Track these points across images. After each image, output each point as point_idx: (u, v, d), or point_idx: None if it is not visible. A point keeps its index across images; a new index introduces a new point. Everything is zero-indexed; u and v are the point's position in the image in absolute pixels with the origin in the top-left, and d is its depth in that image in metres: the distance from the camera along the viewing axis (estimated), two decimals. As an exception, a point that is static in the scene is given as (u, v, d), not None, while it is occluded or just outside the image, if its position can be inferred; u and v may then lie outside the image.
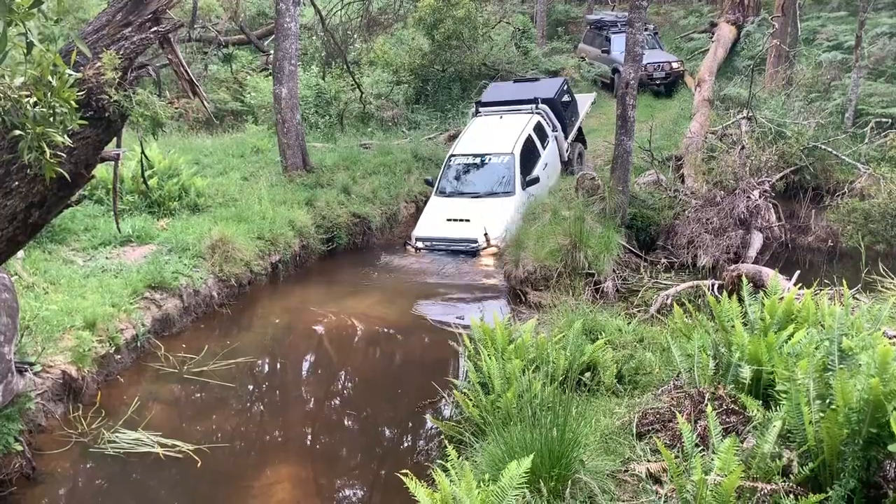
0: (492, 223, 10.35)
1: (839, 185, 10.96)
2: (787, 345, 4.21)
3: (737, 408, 3.93)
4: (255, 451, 5.79)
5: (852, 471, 3.08)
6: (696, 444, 3.51)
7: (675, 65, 19.03)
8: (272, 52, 14.21)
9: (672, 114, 16.41)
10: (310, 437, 6.22)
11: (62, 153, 4.10)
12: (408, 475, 3.56)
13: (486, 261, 10.16)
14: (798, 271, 7.38)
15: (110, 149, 5.01)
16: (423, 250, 10.71)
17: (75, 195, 4.95)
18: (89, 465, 5.47)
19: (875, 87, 13.74)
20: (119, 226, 7.21)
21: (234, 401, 6.60)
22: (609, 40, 19.94)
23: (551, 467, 3.71)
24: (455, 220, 10.82)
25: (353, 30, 18.95)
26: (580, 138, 14.03)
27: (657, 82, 18.83)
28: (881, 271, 6.89)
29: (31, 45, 3.40)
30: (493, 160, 11.58)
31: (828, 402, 3.33)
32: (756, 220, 9.96)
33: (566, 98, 13.45)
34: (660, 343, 5.80)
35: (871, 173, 10.43)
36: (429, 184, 12.18)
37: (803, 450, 3.33)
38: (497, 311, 7.96)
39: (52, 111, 3.83)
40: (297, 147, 12.09)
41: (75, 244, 8.41)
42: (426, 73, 18.59)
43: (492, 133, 12.13)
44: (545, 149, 12.13)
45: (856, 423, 3.09)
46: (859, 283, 6.98)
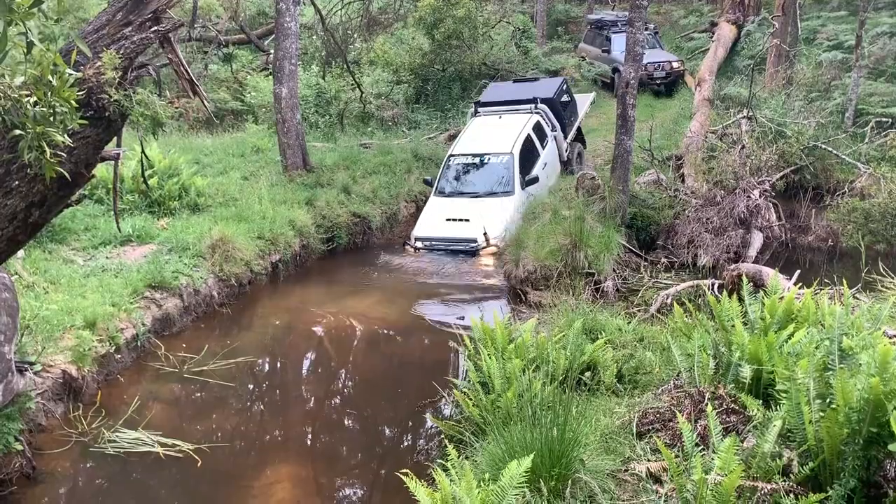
0: (491, 223, 10.35)
1: (839, 185, 10.96)
2: (787, 344, 4.21)
3: (737, 407, 3.93)
4: (256, 450, 5.79)
5: (852, 470, 3.08)
6: (697, 444, 3.51)
7: (676, 64, 19.02)
8: (272, 51, 14.22)
9: (672, 113, 16.40)
10: (310, 436, 6.22)
11: (62, 153, 4.11)
12: (408, 475, 3.56)
13: (485, 260, 10.15)
14: (798, 271, 7.39)
15: (110, 148, 5.01)
16: (422, 250, 10.71)
17: (75, 195, 4.95)
18: (89, 465, 5.47)
19: (875, 86, 13.74)
20: (119, 225, 7.21)
21: (235, 400, 6.60)
22: (609, 40, 19.92)
23: (551, 467, 3.71)
24: (454, 220, 10.81)
25: (353, 29, 18.97)
26: (579, 138, 14.02)
27: (657, 82, 18.83)
28: (881, 271, 6.89)
29: (31, 44, 3.40)
30: (493, 160, 11.57)
31: (828, 401, 3.34)
32: (756, 220, 9.96)
33: (565, 98, 13.43)
34: (660, 342, 5.80)
35: (872, 173, 10.43)
36: (428, 184, 12.16)
37: (803, 449, 3.33)
38: (497, 310, 7.95)
39: (52, 111, 3.83)
40: (297, 146, 12.10)
41: (75, 244, 8.41)
42: (426, 73, 18.60)
43: (491, 133, 12.11)
44: (544, 148, 12.12)
45: (856, 423, 3.09)
46: (859, 282, 6.99)
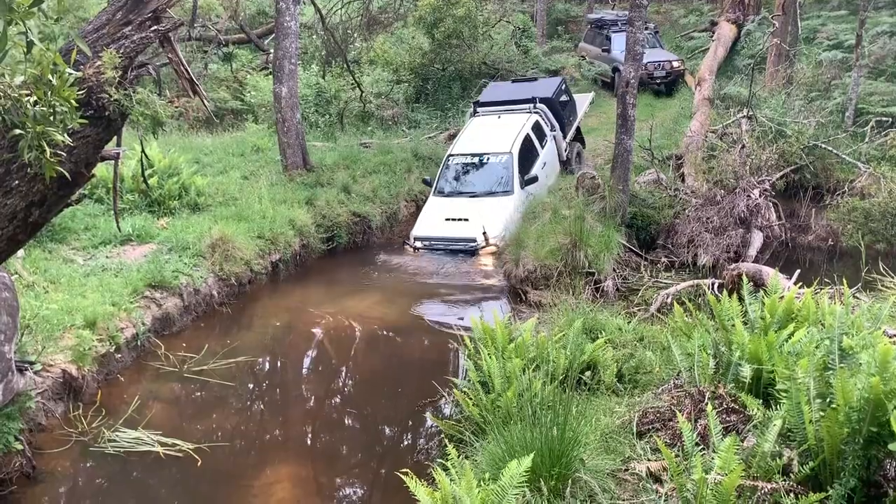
0: (490, 222, 10.35)
1: (839, 184, 10.95)
2: (787, 344, 4.21)
3: (737, 407, 3.93)
4: (256, 450, 5.79)
5: (853, 469, 3.08)
6: (697, 443, 3.51)
7: (676, 64, 19.02)
8: (272, 50, 14.22)
9: (672, 113, 16.40)
10: (310, 436, 6.22)
11: (62, 152, 4.10)
12: (408, 474, 3.57)
13: (484, 260, 10.15)
14: (798, 270, 7.39)
15: (110, 148, 5.01)
16: (421, 250, 10.71)
17: (75, 194, 4.95)
18: (89, 464, 5.47)
19: (875, 85, 13.73)
20: (119, 225, 7.21)
21: (235, 400, 6.60)
22: (609, 39, 19.93)
23: (551, 466, 3.71)
24: (454, 220, 10.81)
25: (353, 29, 18.96)
26: (578, 138, 14.01)
27: (657, 81, 18.83)
28: (881, 270, 6.89)
29: (31, 43, 3.40)
30: (492, 160, 11.56)
31: (828, 400, 3.34)
32: (756, 219, 9.96)
33: (564, 98, 13.42)
34: (660, 342, 5.80)
35: (872, 172, 10.43)
36: (427, 184, 12.16)
37: (803, 448, 3.33)
38: (497, 310, 7.96)
39: (52, 110, 3.83)
40: (297, 146, 12.10)
41: (75, 243, 8.41)
42: (426, 72, 18.59)
43: (490, 133, 12.10)
44: (543, 148, 12.11)
45: (856, 422, 3.09)
46: (859, 282, 6.99)
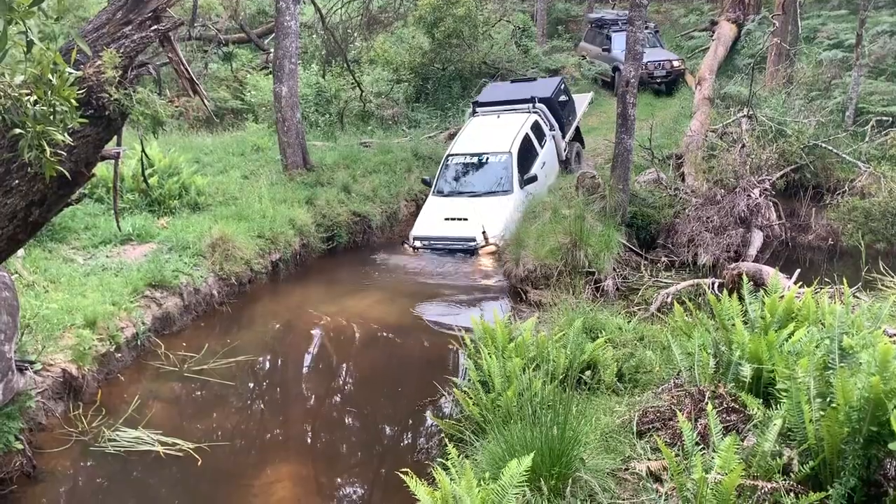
0: (490, 222, 10.34)
1: (839, 184, 10.95)
2: (787, 343, 4.21)
3: (737, 406, 3.93)
4: (256, 449, 5.80)
5: (853, 469, 3.08)
6: (697, 443, 3.51)
7: (676, 63, 19.01)
8: (272, 50, 14.21)
9: (672, 112, 16.39)
10: (310, 435, 6.22)
11: (62, 151, 4.10)
12: (408, 474, 3.57)
13: (484, 260, 10.15)
14: (798, 270, 7.39)
15: (110, 147, 5.01)
16: (421, 249, 10.71)
17: (75, 193, 4.95)
18: (90, 464, 5.48)
19: (875, 85, 13.73)
20: (119, 224, 7.20)
21: (235, 399, 6.61)
22: (610, 39, 19.91)
23: (552, 466, 3.71)
24: (453, 219, 10.81)
25: (353, 28, 18.96)
26: (578, 138, 14.00)
27: (658, 81, 18.82)
28: (881, 270, 6.89)
29: (31, 43, 3.39)
30: (491, 159, 11.55)
31: (828, 400, 3.33)
32: (756, 219, 9.95)
33: (563, 98, 13.41)
34: (660, 341, 5.80)
35: (872, 172, 10.43)
36: (426, 184, 12.16)
37: (804, 448, 3.33)
38: (497, 309, 7.96)
39: (52, 109, 3.83)
40: (297, 145, 12.10)
41: (76, 242, 8.41)
42: (426, 72, 18.58)
43: (489, 132, 12.10)
44: (543, 148, 12.10)
45: (856, 422, 3.09)
46: (860, 281, 6.99)
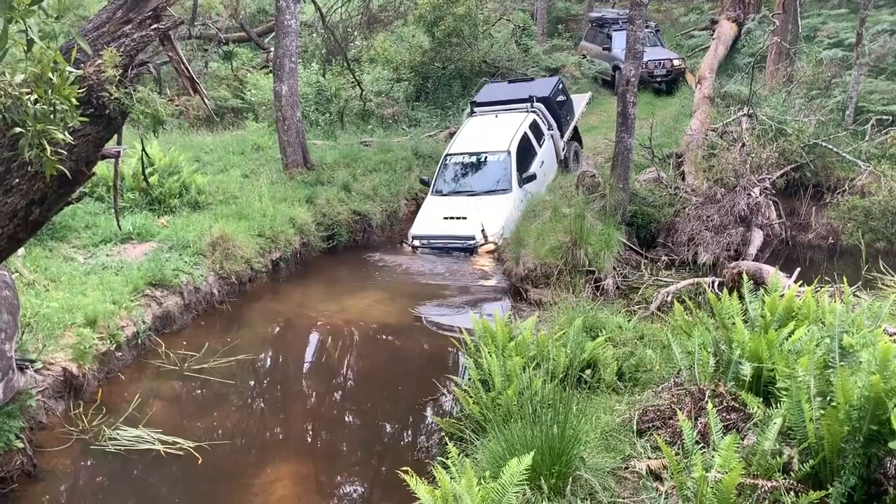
0: (489, 220, 10.34)
1: (840, 183, 10.96)
2: (787, 342, 4.21)
3: (737, 405, 3.93)
4: (256, 448, 5.80)
5: (853, 468, 3.09)
6: (697, 442, 3.51)
7: (676, 62, 19.00)
8: (272, 49, 14.21)
9: (673, 111, 16.40)
10: (310, 434, 6.23)
11: (63, 150, 4.10)
12: (408, 472, 3.57)
13: (484, 258, 10.16)
14: (798, 268, 7.39)
15: (111, 146, 5.01)
16: (420, 249, 10.72)
17: (76, 192, 4.95)
18: (90, 463, 5.48)
19: (876, 84, 13.72)
20: (120, 223, 7.20)
21: (235, 398, 6.61)
22: (610, 38, 19.90)
23: (552, 464, 3.71)
24: (452, 218, 10.81)
25: (353, 27, 18.95)
26: (576, 137, 14.00)
27: (658, 80, 18.81)
28: (881, 269, 6.90)
29: (31, 42, 3.39)
30: (490, 158, 11.55)
31: (828, 399, 3.34)
32: (756, 218, 9.96)
33: (561, 97, 13.41)
34: (660, 340, 5.80)
35: (872, 171, 10.43)
36: (424, 183, 12.16)
37: (804, 447, 3.33)
38: (497, 308, 7.96)
39: (52, 108, 3.82)
40: (297, 144, 12.10)
41: (76, 241, 8.41)
42: (426, 71, 18.58)
43: (488, 131, 12.09)
44: (541, 147, 12.10)
45: (856, 420, 3.10)
46: (860, 280, 6.99)
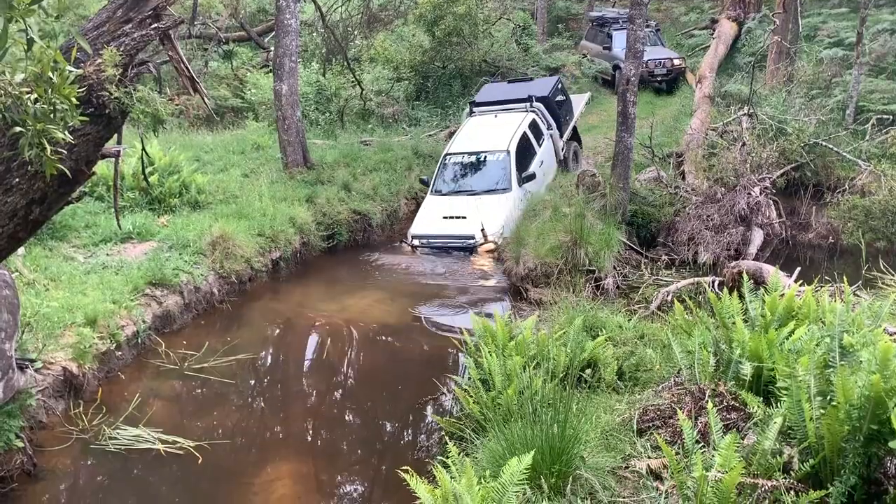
0: (489, 219, 10.34)
1: (840, 182, 10.95)
2: (787, 341, 4.22)
3: (737, 404, 3.94)
4: (256, 447, 5.80)
5: (853, 467, 3.09)
6: (697, 441, 3.51)
7: (677, 61, 19.00)
8: (272, 48, 14.21)
9: (673, 110, 16.39)
10: (310, 433, 6.23)
11: (63, 150, 4.10)
12: (408, 471, 3.57)
13: (483, 257, 10.16)
14: (799, 268, 7.39)
15: (111, 145, 5.00)
16: (420, 248, 10.71)
17: (76, 192, 4.94)
18: (90, 462, 5.48)
19: (876, 83, 13.71)
20: (120, 222, 7.20)
21: (235, 397, 6.61)
22: (610, 37, 19.90)
23: (552, 464, 3.71)
24: (451, 218, 10.81)
25: (353, 26, 18.95)
26: (575, 137, 14.01)
27: (658, 79, 18.81)
28: (882, 268, 6.90)
29: (31, 41, 3.39)
30: (489, 158, 11.54)
31: (829, 398, 3.34)
32: (757, 217, 9.96)
33: (560, 97, 13.41)
34: (660, 340, 5.79)
35: (872, 170, 10.42)
36: (424, 183, 12.16)
37: (804, 446, 3.34)
38: (497, 307, 7.96)
39: (52, 108, 3.82)
40: (297, 144, 12.10)
41: (76, 241, 8.41)
42: (427, 70, 18.57)
43: (487, 131, 12.09)
44: (541, 146, 12.09)
45: (857, 420, 3.10)
46: (860, 279, 7.00)
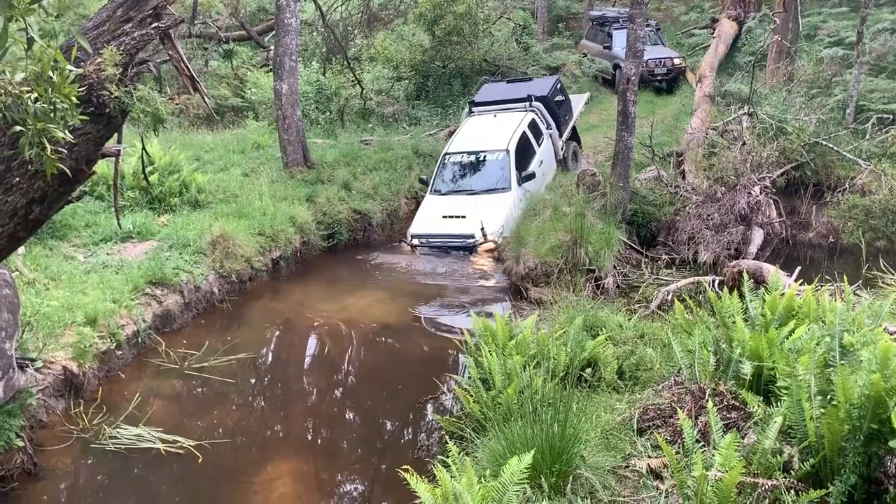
0: (488, 218, 10.34)
1: (840, 182, 10.94)
2: (788, 341, 4.22)
3: (738, 404, 3.94)
4: (256, 446, 5.80)
5: (853, 466, 3.09)
6: (697, 440, 3.51)
7: (677, 61, 18.99)
8: (273, 48, 14.21)
9: (673, 110, 16.39)
10: (310, 432, 6.23)
11: (63, 149, 4.09)
12: (408, 471, 3.57)
13: (483, 256, 10.16)
14: (799, 267, 7.38)
15: (111, 145, 5.00)
16: (419, 247, 10.71)
17: (76, 191, 4.94)
18: (90, 461, 5.48)
19: (876, 83, 13.69)
20: (120, 222, 7.21)
21: (235, 396, 6.61)
22: (611, 36, 19.88)
23: (552, 463, 3.71)
24: (451, 217, 10.81)
25: (353, 25, 18.94)
26: (575, 137, 14.02)
27: (658, 78, 18.80)
28: (882, 267, 6.90)
29: (31, 40, 3.39)
30: (489, 157, 11.54)
31: (829, 398, 3.34)
32: (757, 217, 9.96)
33: (559, 97, 13.41)
34: (660, 339, 5.80)
35: (872, 169, 10.42)
36: (423, 183, 12.16)
37: (804, 445, 3.34)
38: (497, 307, 7.97)
39: (52, 107, 3.82)
40: (297, 143, 12.10)
41: (76, 240, 8.41)
42: (427, 69, 18.56)
43: (486, 131, 12.09)
44: (540, 146, 12.09)
45: (857, 419, 3.10)
46: (860, 279, 7.00)
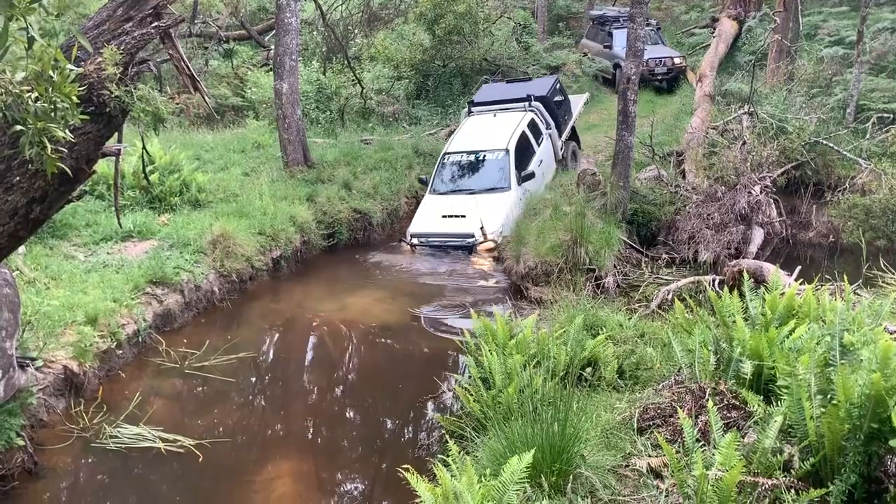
0: (488, 218, 10.34)
1: (840, 181, 10.93)
2: (788, 340, 4.22)
3: (738, 403, 3.94)
4: (257, 445, 5.81)
5: (853, 466, 3.09)
6: (697, 439, 3.52)
7: (677, 60, 18.98)
8: (273, 47, 14.21)
9: (673, 109, 16.38)
10: (311, 431, 6.23)
11: (63, 148, 4.09)
12: (409, 470, 3.57)
13: (483, 256, 10.16)
14: (799, 267, 7.38)
15: (111, 144, 5.00)
16: (419, 247, 10.71)
17: (76, 190, 4.94)
18: (91, 460, 5.49)
19: (876, 82, 13.69)
20: (120, 221, 7.21)
21: (236, 396, 6.61)
22: (611, 35, 19.88)
23: (552, 462, 3.71)
24: (451, 216, 10.81)
25: (353, 25, 18.95)
26: (574, 137, 14.02)
27: (658, 78, 18.80)
28: (882, 267, 6.89)
29: (32, 40, 3.39)
30: (488, 156, 11.54)
31: (829, 397, 3.34)
32: (757, 216, 9.95)
33: (559, 97, 13.41)
34: (661, 338, 5.80)
35: (873, 169, 10.41)
36: (423, 182, 12.16)
37: (804, 445, 3.34)
38: (498, 306, 7.97)
39: (53, 106, 3.82)
40: (297, 142, 12.10)
41: (76, 239, 8.41)
42: (427, 69, 18.56)
43: (486, 130, 12.09)
44: (540, 146, 12.09)
45: (857, 419, 3.10)
46: (860, 278, 7.00)
